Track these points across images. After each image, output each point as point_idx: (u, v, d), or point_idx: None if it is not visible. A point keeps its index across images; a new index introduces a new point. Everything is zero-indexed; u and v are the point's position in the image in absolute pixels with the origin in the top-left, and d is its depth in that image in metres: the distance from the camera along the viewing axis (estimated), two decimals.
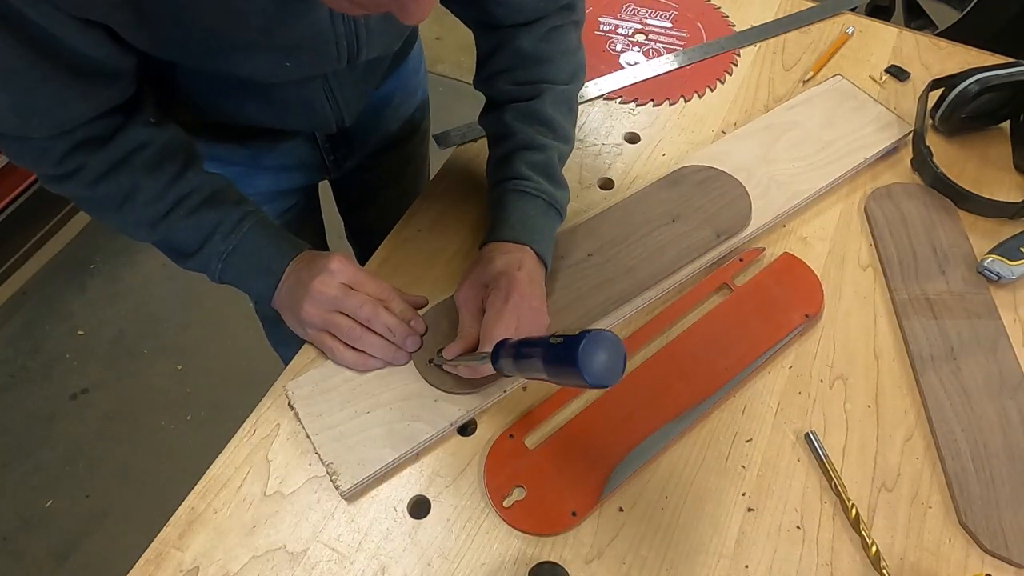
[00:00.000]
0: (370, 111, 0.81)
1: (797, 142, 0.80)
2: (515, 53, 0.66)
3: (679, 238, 0.71)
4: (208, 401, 1.58)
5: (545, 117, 0.66)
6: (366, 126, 0.83)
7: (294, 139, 0.77)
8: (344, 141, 0.81)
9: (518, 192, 0.64)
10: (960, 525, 0.57)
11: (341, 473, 0.57)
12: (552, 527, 0.56)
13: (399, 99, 0.86)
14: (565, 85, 0.68)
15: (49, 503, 1.45)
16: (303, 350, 0.66)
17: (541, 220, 0.64)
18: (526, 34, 0.65)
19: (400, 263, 0.72)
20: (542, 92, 0.66)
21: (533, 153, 0.65)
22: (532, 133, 0.66)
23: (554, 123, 0.66)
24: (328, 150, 0.81)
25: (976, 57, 0.92)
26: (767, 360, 0.65)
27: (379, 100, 0.82)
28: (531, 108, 0.66)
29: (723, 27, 0.97)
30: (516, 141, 0.66)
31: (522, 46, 0.65)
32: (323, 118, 0.69)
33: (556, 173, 0.67)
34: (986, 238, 0.74)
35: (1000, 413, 0.62)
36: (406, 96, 0.87)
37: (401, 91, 0.85)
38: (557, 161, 0.67)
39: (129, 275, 1.81)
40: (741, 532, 0.57)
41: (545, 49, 0.66)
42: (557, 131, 0.67)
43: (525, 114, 0.66)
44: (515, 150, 0.66)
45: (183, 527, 0.56)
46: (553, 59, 0.67)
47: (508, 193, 0.65)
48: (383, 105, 0.84)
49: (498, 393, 0.62)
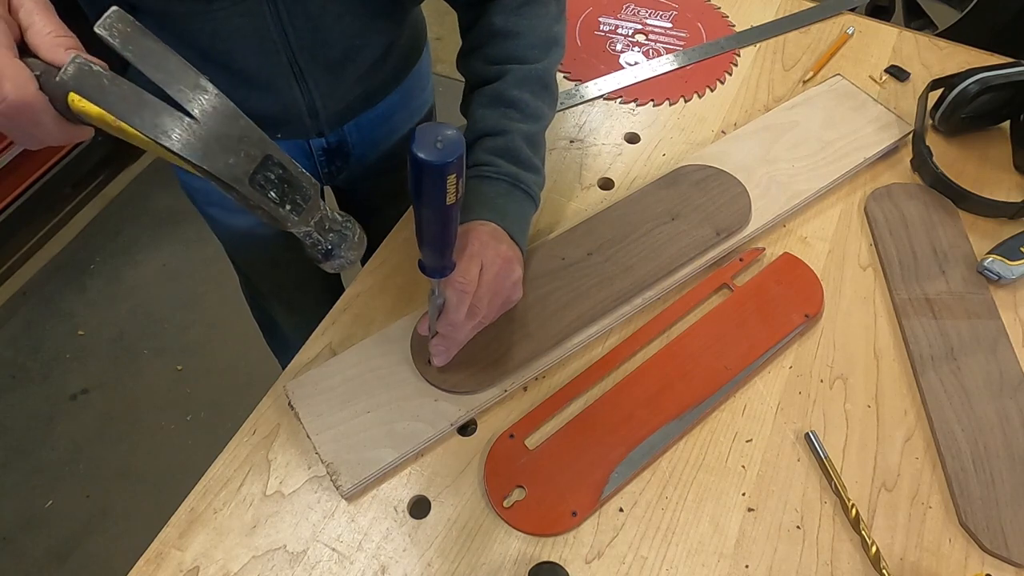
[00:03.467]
0: (368, 125, 0.79)
1: (797, 142, 0.80)
2: (487, 29, 0.65)
3: (679, 236, 0.71)
4: (208, 401, 1.58)
5: (510, 99, 0.64)
6: (365, 140, 0.81)
7: (286, 143, 0.74)
8: (340, 154, 0.79)
9: (479, 178, 0.63)
10: (960, 525, 0.57)
11: (341, 473, 0.57)
12: (552, 527, 0.56)
13: (401, 117, 0.84)
14: (535, 64, 0.66)
15: (49, 503, 1.45)
16: (303, 350, 0.66)
17: (504, 200, 0.63)
18: (499, 8, 0.64)
19: (400, 263, 0.72)
20: (507, 73, 0.65)
21: (494, 139, 0.64)
22: (496, 118, 0.64)
23: (520, 103, 0.65)
24: (323, 162, 0.79)
25: (976, 57, 0.92)
26: (767, 360, 0.65)
27: (378, 116, 0.80)
28: (496, 91, 0.65)
29: (723, 27, 0.97)
30: (478, 129, 0.65)
31: (494, 22, 0.64)
32: (292, 105, 0.66)
33: (522, 155, 0.65)
34: (986, 238, 0.74)
35: (1000, 413, 0.62)
36: (410, 114, 0.85)
37: (404, 109, 0.83)
38: (522, 142, 0.64)
39: (129, 275, 1.81)
40: (741, 532, 0.57)
41: (517, 23, 0.64)
42: (524, 111, 0.65)
43: (490, 99, 0.65)
44: (477, 138, 0.65)
45: (183, 527, 0.56)
46: (524, 34, 0.65)
47: (470, 180, 0.63)
48: (383, 121, 0.81)
49: (498, 393, 0.62)
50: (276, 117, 0.70)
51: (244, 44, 0.59)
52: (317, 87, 0.66)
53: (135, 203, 1.94)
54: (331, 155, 0.79)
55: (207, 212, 0.86)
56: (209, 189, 0.79)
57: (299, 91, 0.65)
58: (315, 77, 0.65)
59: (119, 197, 1.97)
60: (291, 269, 0.97)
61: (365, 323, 0.68)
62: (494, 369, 0.62)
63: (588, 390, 0.63)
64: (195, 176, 0.76)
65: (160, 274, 1.81)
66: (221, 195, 0.80)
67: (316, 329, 0.68)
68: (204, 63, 0.58)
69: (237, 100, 0.64)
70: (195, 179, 0.77)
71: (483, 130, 0.64)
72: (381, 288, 0.70)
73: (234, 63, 0.60)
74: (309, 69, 0.64)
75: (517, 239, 0.62)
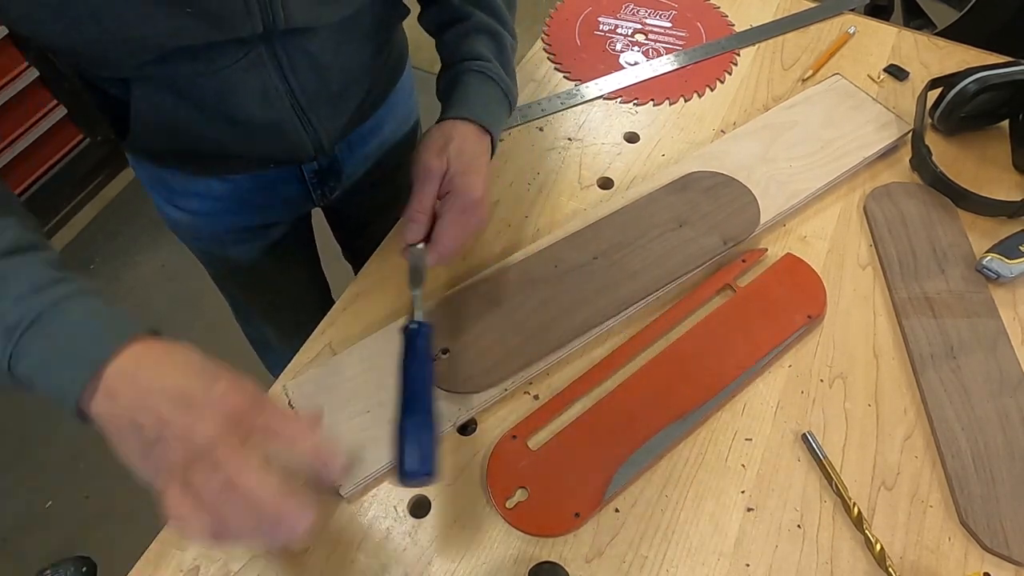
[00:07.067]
0: (359, 141, 0.78)
1: (796, 141, 0.80)
2: None
3: (685, 244, 0.71)
4: None
5: (495, 6, 0.65)
6: (355, 156, 0.80)
7: (278, 170, 0.73)
8: (332, 174, 0.77)
9: (481, 75, 0.63)
10: (960, 523, 0.57)
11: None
12: (555, 528, 0.56)
13: (390, 129, 0.83)
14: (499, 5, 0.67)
15: (49, 503, 1.45)
16: (303, 350, 0.66)
17: (498, 108, 0.64)
18: None
19: (399, 264, 0.72)
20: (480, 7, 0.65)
21: (491, 38, 0.64)
22: (486, 17, 0.65)
23: (501, 13, 0.66)
24: (315, 184, 0.77)
25: (975, 56, 0.93)
26: (768, 360, 0.65)
27: (368, 131, 0.79)
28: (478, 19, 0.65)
29: (723, 27, 0.97)
30: (472, 23, 0.64)
31: None
32: (298, 143, 0.66)
33: (510, 65, 0.66)
34: (985, 237, 0.74)
35: (1000, 412, 0.62)
36: (398, 125, 0.84)
37: (392, 120, 0.83)
38: (510, 50, 0.66)
39: (129, 276, 1.81)
40: (741, 531, 0.57)
41: None
42: (506, 23, 0.66)
43: (478, 22, 0.65)
44: (473, 31, 0.64)
45: None
46: None
47: (469, 73, 0.63)
48: (371, 135, 0.80)
49: (498, 393, 0.62)
50: (280, 157, 0.70)
51: (249, 96, 0.58)
52: (320, 122, 0.66)
53: (134, 204, 1.94)
54: (323, 176, 0.76)
55: (193, 246, 0.84)
56: (199, 225, 0.78)
57: (303, 130, 0.65)
58: (318, 113, 0.65)
59: (118, 198, 1.97)
60: (282, 293, 0.95)
61: (365, 323, 0.68)
62: (494, 369, 0.62)
63: (590, 391, 0.63)
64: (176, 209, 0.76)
65: (159, 274, 1.81)
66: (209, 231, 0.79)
67: (316, 329, 0.68)
68: (212, 118, 0.59)
69: (244, 149, 0.65)
70: (177, 212, 0.76)
71: (479, 26, 0.64)
72: (381, 288, 0.70)
73: (240, 115, 0.60)
74: (312, 107, 0.63)
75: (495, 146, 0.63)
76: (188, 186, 0.72)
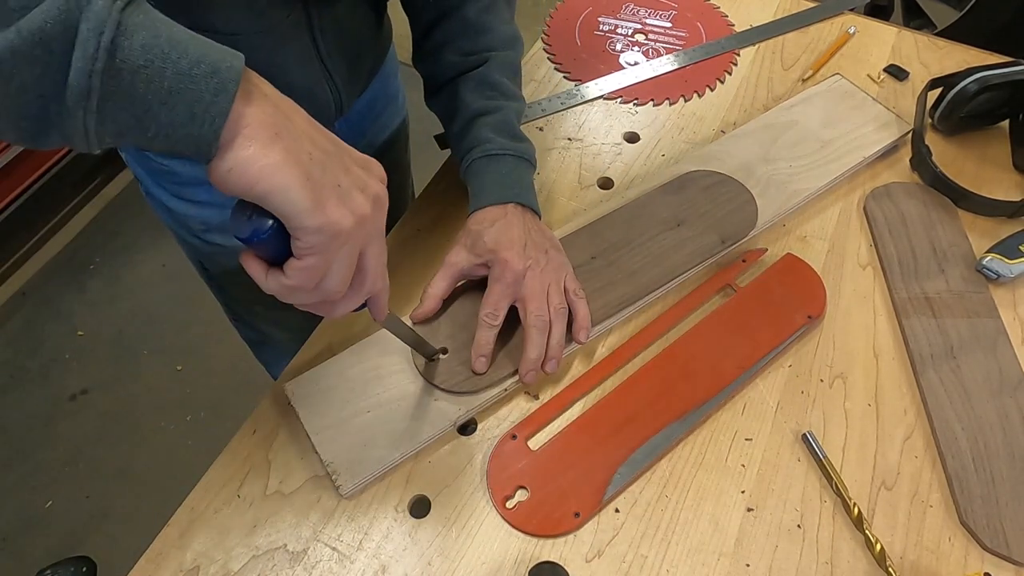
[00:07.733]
0: (356, 117, 0.81)
1: (796, 141, 0.80)
2: (460, 22, 0.67)
3: (683, 243, 0.71)
4: (208, 401, 1.58)
5: (494, 81, 0.68)
6: (353, 131, 0.82)
7: None
8: None
9: (487, 157, 0.66)
10: (960, 523, 0.57)
11: (341, 473, 0.57)
12: (555, 528, 0.56)
13: (382, 104, 0.86)
14: (508, 50, 0.70)
15: (49, 503, 1.45)
16: (303, 350, 0.66)
17: (514, 175, 0.66)
18: (470, 4, 0.67)
19: (400, 263, 0.72)
20: (489, 59, 0.68)
21: (490, 116, 0.67)
22: (484, 100, 0.67)
23: (502, 86, 0.68)
24: None
25: (975, 56, 0.93)
26: (768, 360, 0.65)
27: (364, 106, 0.81)
28: (480, 76, 0.68)
29: (723, 27, 0.97)
30: (472, 111, 0.67)
31: (467, 15, 0.67)
32: (325, 103, 0.69)
33: (515, 129, 0.68)
34: (985, 237, 0.74)
35: (1000, 412, 0.62)
36: (388, 100, 0.87)
37: (383, 95, 0.85)
38: (514, 117, 0.68)
39: (129, 275, 1.81)
40: (741, 531, 0.57)
41: (487, 20, 0.68)
42: (507, 92, 0.69)
43: (476, 83, 0.68)
44: (473, 118, 0.67)
45: (183, 527, 0.56)
46: (495, 28, 0.68)
47: (477, 161, 0.66)
48: (367, 110, 0.83)
49: (498, 393, 0.62)
50: None
51: (288, 57, 0.62)
52: (342, 83, 0.69)
53: (134, 203, 1.94)
54: None
55: (196, 243, 0.85)
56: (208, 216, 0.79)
57: (329, 91, 0.68)
58: (340, 74, 0.68)
59: (118, 197, 1.97)
60: None
61: (365, 323, 0.68)
62: (494, 369, 0.62)
63: (590, 391, 0.63)
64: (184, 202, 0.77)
65: (159, 274, 1.81)
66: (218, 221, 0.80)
67: (316, 329, 0.68)
68: None
69: None
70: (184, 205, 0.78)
71: (477, 111, 0.67)
72: None
73: (282, 78, 0.62)
74: (335, 67, 0.67)
75: (531, 206, 0.66)
76: (199, 174, 0.73)
